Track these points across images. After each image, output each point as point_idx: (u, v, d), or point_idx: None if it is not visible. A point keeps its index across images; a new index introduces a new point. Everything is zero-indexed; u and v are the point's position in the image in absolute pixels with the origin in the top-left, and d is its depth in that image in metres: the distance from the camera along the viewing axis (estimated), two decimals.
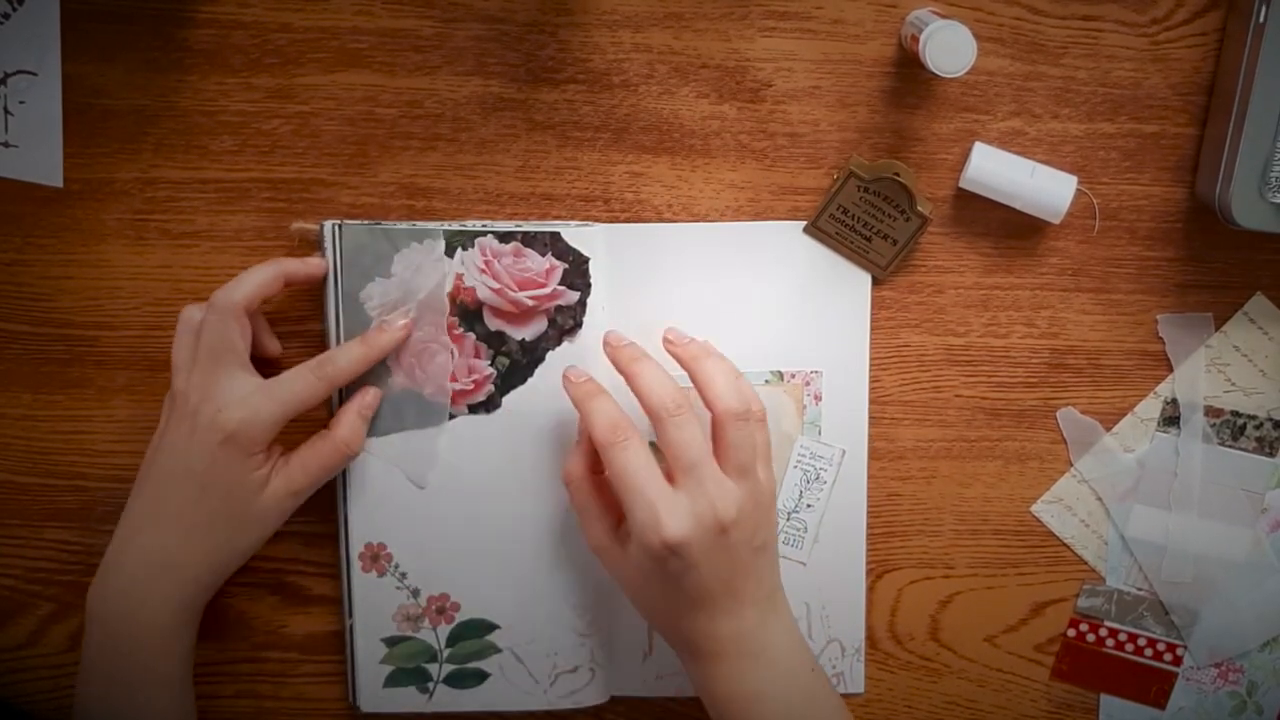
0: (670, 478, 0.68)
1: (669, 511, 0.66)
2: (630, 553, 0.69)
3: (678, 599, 0.69)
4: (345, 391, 0.75)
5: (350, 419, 0.74)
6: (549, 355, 0.76)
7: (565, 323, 0.76)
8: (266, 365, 0.75)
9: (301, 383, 0.71)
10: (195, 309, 0.72)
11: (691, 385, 0.71)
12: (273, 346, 0.76)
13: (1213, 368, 0.79)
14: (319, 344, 0.76)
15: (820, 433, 0.79)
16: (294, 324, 0.77)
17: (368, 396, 0.74)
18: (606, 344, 0.73)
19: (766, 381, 0.78)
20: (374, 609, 0.78)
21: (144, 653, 0.71)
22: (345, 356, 0.72)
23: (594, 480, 0.72)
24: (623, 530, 0.71)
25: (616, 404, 0.70)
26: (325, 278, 0.74)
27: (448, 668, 0.79)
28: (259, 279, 0.71)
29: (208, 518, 0.71)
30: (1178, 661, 0.82)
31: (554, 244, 0.75)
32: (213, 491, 0.70)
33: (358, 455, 0.75)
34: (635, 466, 0.67)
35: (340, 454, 0.73)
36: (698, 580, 0.67)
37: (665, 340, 0.73)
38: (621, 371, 0.71)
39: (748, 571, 0.69)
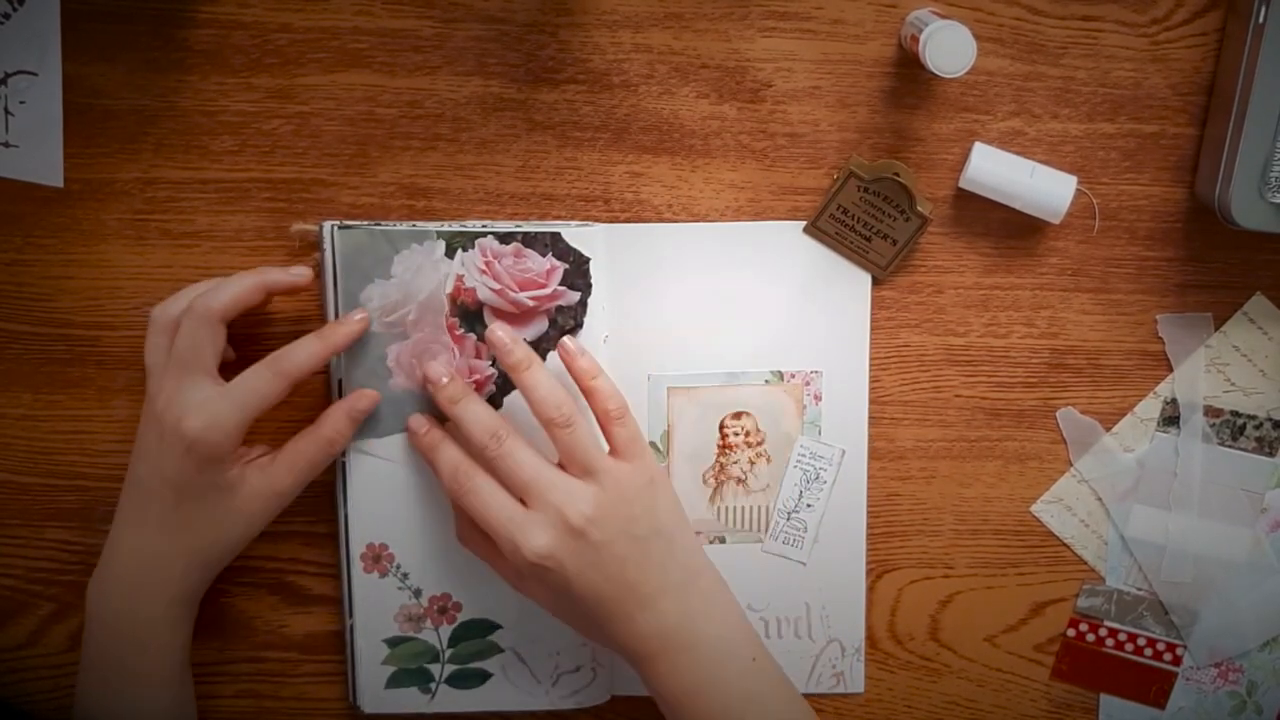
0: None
1: (523, 530, 0.68)
2: (524, 582, 0.71)
3: (582, 608, 0.69)
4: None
5: (337, 417, 0.73)
6: (550, 356, 0.76)
7: (566, 323, 0.76)
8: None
9: (258, 381, 0.70)
10: (162, 309, 0.72)
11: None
12: (227, 353, 0.75)
13: (1212, 368, 0.79)
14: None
15: (820, 432, 0.79)
16: (294, 324, 0.77)
17: (362, 401, 0.74)
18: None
19: (766, 381, 0.78)
20: (375, 609, 0.78)
21: (140, 646, 0.72)
22: (301, 351, 0.71)
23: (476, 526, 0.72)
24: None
25: (459, 450, 0.72)
26: (325, 279, 0.74)
27: (450, 668, 0.79)
28: (240, 288, 0.70)
29: (187, 519, 0.71)
30: (1177, 661, 0.82)
31: (554, 244, 0.75)
32: (187, 495, 0.70)
33: (340, 452, 0.75)
34: (485, 504, 0.69)
35: (324, 452, 0.73)
36: (586, 585, 0.68)
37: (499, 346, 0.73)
38: (448, 414, 0.72)
39: (639, 563, 0.69)
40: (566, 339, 0.73)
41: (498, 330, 0.72)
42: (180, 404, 0.69)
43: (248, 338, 0.76)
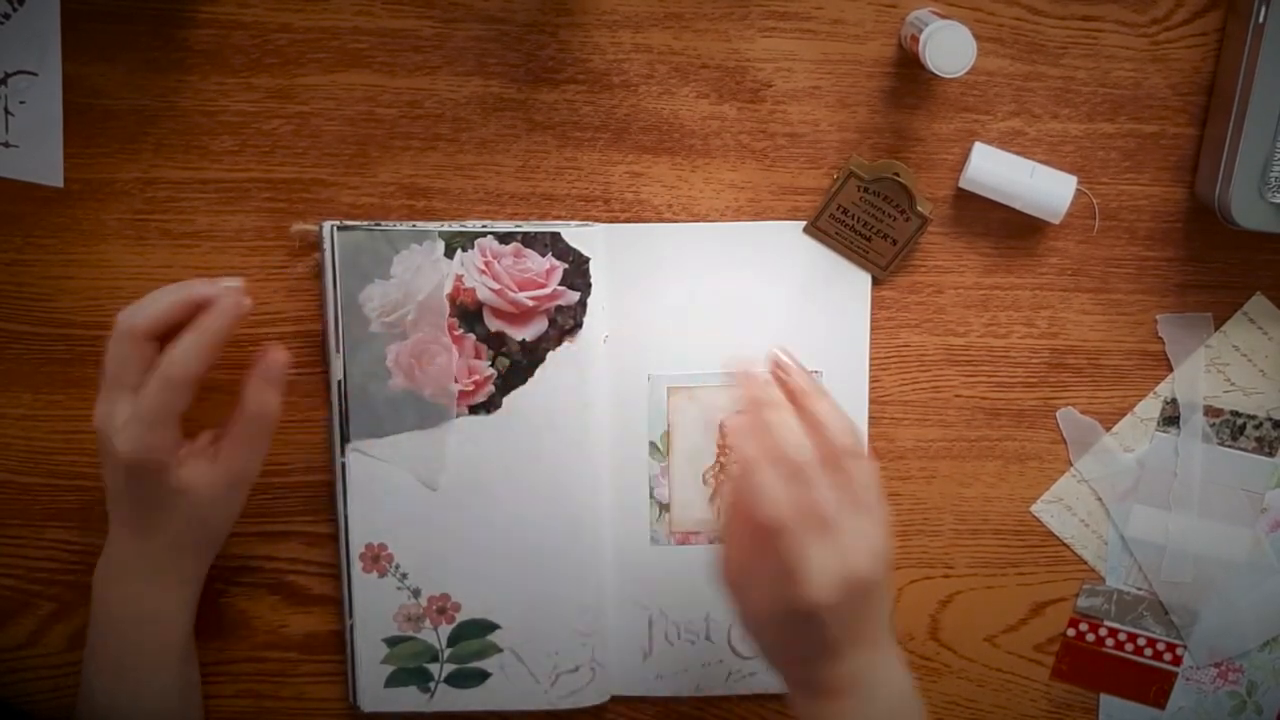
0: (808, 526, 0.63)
1: (820, 571, 0.62)
2: (763, 598, 0.65)
3: (803, 646, 0.65)
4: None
5: (257, 387, 0.71)
6: (549, 356, 0.76)
7: (566, 323, 0.76)
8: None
9: (158, 395, 0.68)
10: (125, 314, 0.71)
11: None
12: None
13: (1212, 368, 0.79)
14: (319, 344, 0.76)
15: None
16: (293, 324, 0.77)
17: (273, 364, 0.71)
18: (776, 365, 0.68)
19: (766, 382, 0.78)
20: (375, 609, 0.78)
21: (142, 630, 0.72)
22: (183, 352, 0.68)
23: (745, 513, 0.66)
24: (760, 571, 0.65)
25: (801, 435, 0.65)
26: (324, 279, 0.74)
27: (449, 667, 0.79)
28: (162, 304, 0.69)
29: (156, 523, 0.71)
30: (1177, 661, 0.82)
31: (554, 244, 0.75)
32: (146, 505, 0.71)
33: (275, 417, 0.72)
34: (792, 519, 0.63)
35: (259, 425, 0.72)
36: (831, 634, 0.64)
37: (775, 365, 0.69)
38: (757, 419, 0.66)
39: (872, 613, 0.65)
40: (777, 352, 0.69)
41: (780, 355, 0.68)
42: (109, 425, 0.69)
43: (248, 338, 0.76)
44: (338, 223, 0.74)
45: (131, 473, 0.69)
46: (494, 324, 0.75)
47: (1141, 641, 0.82)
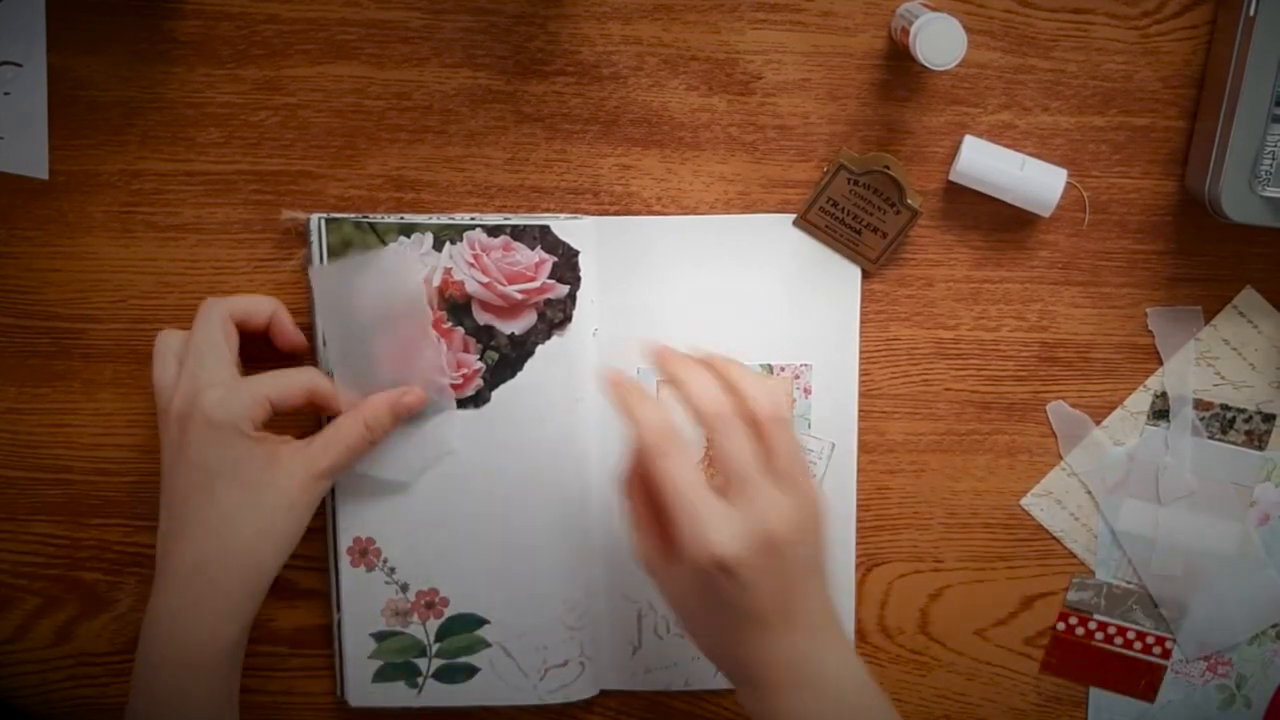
0: (721, 491, 0.63)
1: (719, 527, 0.62)
2: (680, 570, 0.64)
3: (729, 621, 0.64)
4: None
5: (379, 407, 0.73)
6: (538, 349, 0.75)
7: (555, 316, 0.75)
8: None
9: (278, 379, 0.70)
10: (172, 334, 0.72)
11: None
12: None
13: (1202, 361, 0.79)
14: (307, 337, 0.76)
15: (809, 426, 0.79)
16: None
17: (408, 396, 0.74)
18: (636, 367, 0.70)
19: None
20: (363, 604, 0.78)
21: (190, 671, 0.69)
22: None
23: (646, 490, 0.67)
24: (673, 547, 0.65)
25: (663, 409, 0.65)
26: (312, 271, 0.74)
27: (437, 662, 0.79)
28: (254, 300, 0.73)
29: (229, 512, 0.69)
30: (1167, 655, 0.82)
31: (543, 237, 0.75)
32: (223, 478, 0.68)
33: (378, 442, 0.73)
34: (684, 479, 0.63)
35: (361, 437, 0.72)
36: (751, 601, 0.63)
37: (659, 354, 0.68)
38: (669, 381, 0.67)
39: (801, 588, 0.64)
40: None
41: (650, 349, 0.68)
42: (196, 386, 0.68)
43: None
44: (325, 215, 0.74)
45: (214, 427, 0.68)
46: (483, 317, 0.75)
47: (1131, 635, 0.82)
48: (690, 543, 0.62)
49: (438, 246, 0.74)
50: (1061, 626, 0.82)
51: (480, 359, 0.75)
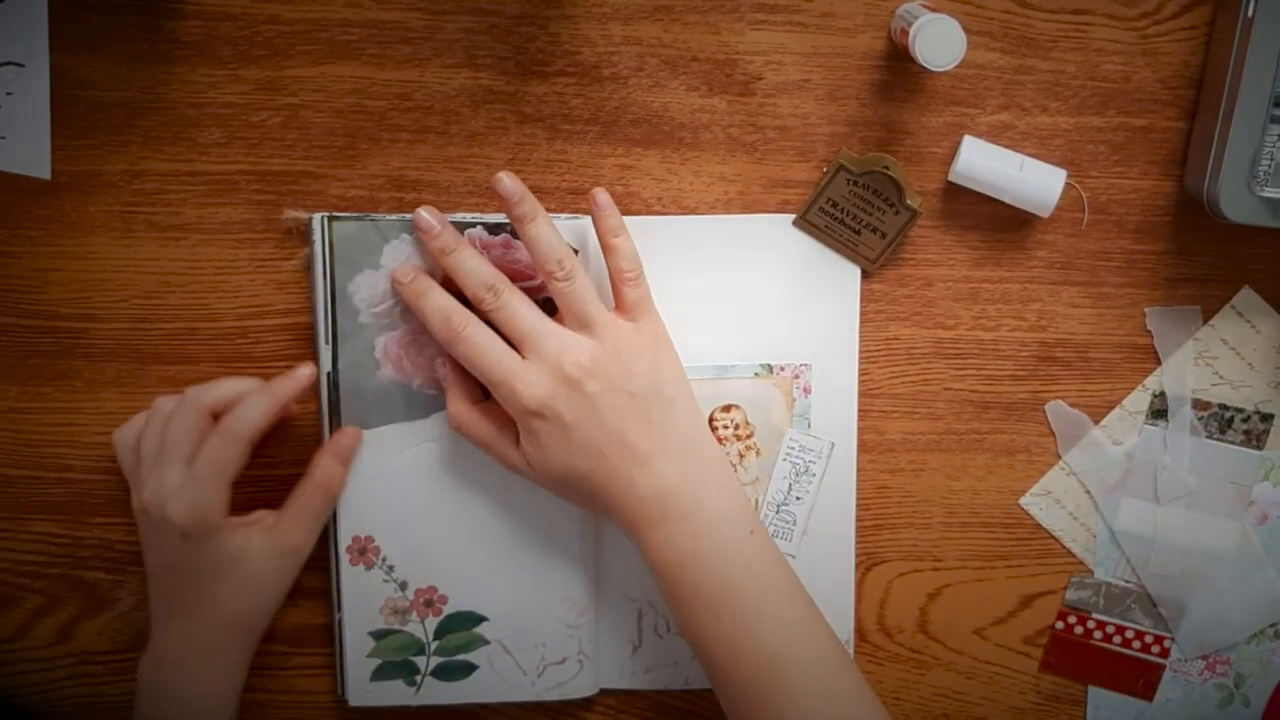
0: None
1: (519, 378, 0.68)
2: (525, 449, 0.70)
3: (582, 468, 0.69)
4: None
5: (326, 462, 0.74)
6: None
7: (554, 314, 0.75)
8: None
9: (218, 453, 0.70)
10: (124, 430, 0.73)
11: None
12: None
13: (1200, 361, 0.79)
14: (308, 336, 0.76)
15: (809, 425, 0.79)
16: (282, 316, 0.76)
17: (346, 439, 0.75)
18: (418, 229, 0.72)
19: (756, 374, 0.78)
20: (362, 602, 0.78)
21: (188, 711, 0.73)
22: (251, 411, 0.70)
23: (481, 409, 0.73)
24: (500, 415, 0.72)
25: (448, 296, 0.71)
26: (314, 271, 0.74)
27: (435, 660, 0.79)
28: (234, 387, 0.72)
29: (211, 595, 0.72)
30: (1165, 654, 0.83)
31: None
32: (202, 574, 0.71)
33: (339, 493, 0.75)
34: (481, 351, 0.69)
35: (323, 498, 0.74)
36: (583, 438, 0.68)
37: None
38: (438, 256, 0.71)
39: (638, 421, 0.69)
40: (599, 191, 0.72)
41: (505, 181, 0.70)
42: (160, 494, 0.69)
43: (237, 330, 0.76)
44: (327, 215, 0.74)
45: (187, 539, 0.70)
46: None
47: (1130, 634, 0.82)
48: (508, 403, 0.69)
49: None
50: (1060, 625, 0.83)
51: None
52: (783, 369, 0.78)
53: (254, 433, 0.70)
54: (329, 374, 0.75)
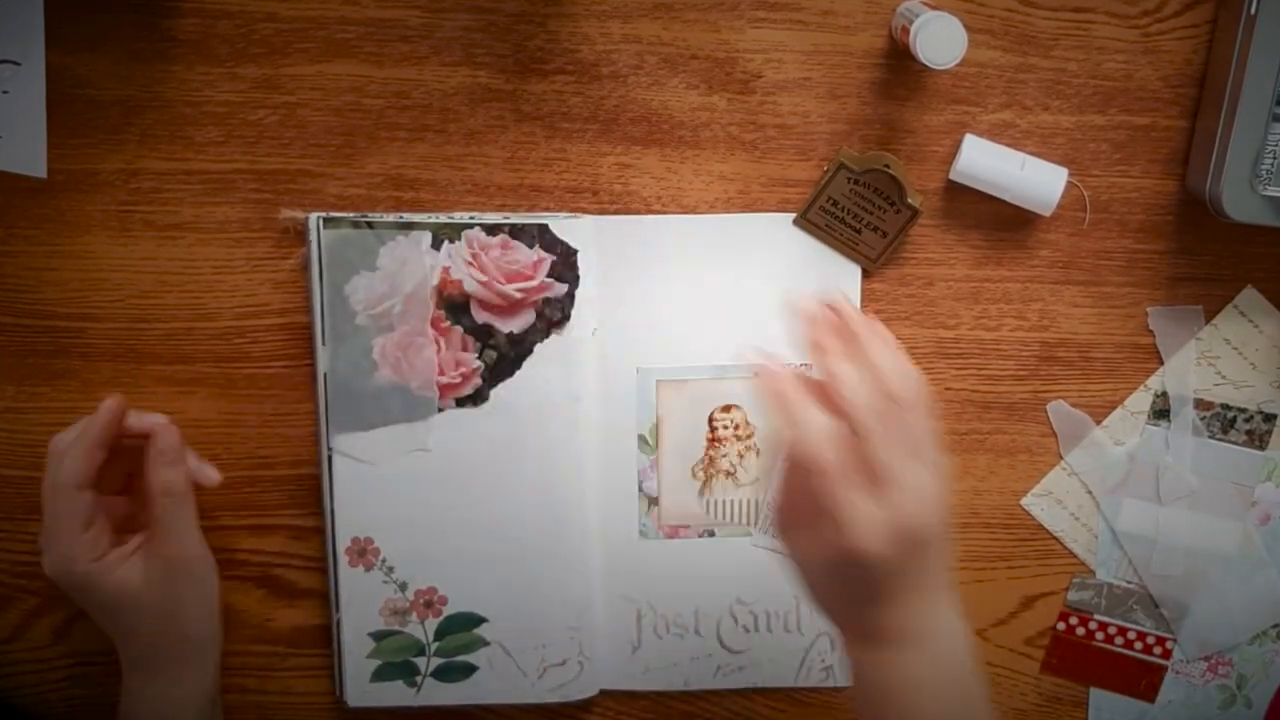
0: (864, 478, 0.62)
1: (866, 529, 0.61)
2: (815, 546, 0.64)
3: (853, 592, 0.64)
4: None
5: (155, 472, 0.71)
6: (537, 348, 0.75)
7: (553, 315, 0.75)
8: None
9: (53, 507, 0.70)
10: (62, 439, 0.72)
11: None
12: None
13: (1203, 360, 0.79)
14: (305, 335, 0.76)
15: None
16: (279, 316, 0.76)
17: (160, 439, 0.71)
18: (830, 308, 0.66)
19: (755, 374, 0.78)
20: (361, 603, 0.78)
21: None
22: (69, 460, 0.69)
23: (795, 473, 0.65)
24: (814, 524, 0.63)
25: (821, 414, 0.62)
26: (310, 272, 0.74)
27: (435, 661, 0.79)
28: (82, 454, 0.70)
29: (132, 631, 0.72)
30: (1167, 655, 0.82)
31: (542, 236, 0.74)
32: (111, 618, 0.72)
33: (186, 492, 0.72)
34: (835, 479, 0.61)
35: (171, 505, 0.71)
36: (880, 582, 0.63)
37: (831, 308, 0.66)
38: (820, 366, 0.64)
39: (926, 562, 0.64)
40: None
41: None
42: (43, 557, 0.71)
43: (235, 331, 0.76)
44: (324, 215, 0.74)
45: (71, 590, 0.71)
46: (481, 316, 0.75)
47: (1131, 635, 0.82)
48: (837, 538, 0.61)
49: (436, 245, 0.74)
50: (1062, 626, 0.82)
51: (479, 358, 0.75)
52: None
53: (78, 479, 0.69)
54: (325, 375, 0.75)
